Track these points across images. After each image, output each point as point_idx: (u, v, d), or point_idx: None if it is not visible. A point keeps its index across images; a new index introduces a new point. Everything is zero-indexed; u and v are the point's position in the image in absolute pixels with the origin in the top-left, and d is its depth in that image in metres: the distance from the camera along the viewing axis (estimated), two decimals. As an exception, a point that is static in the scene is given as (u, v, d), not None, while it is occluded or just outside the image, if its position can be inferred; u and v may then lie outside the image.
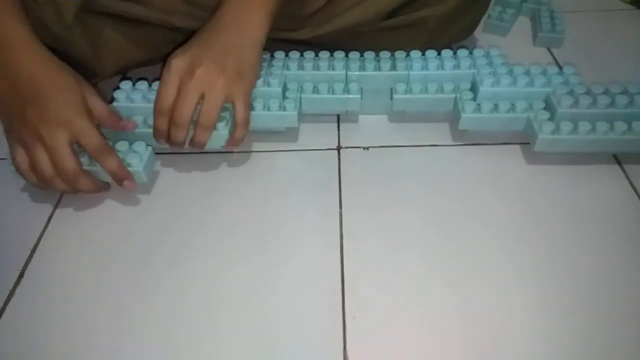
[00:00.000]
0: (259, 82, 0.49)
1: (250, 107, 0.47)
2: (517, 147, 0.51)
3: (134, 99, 0.49)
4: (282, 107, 0.50)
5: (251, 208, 0.47)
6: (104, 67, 0.51)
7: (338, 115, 0.56)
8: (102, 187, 0.46)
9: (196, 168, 0.50)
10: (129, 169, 0.45)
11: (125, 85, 0.50)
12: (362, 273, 0.41)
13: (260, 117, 0.50)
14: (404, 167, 0.50)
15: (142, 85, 0.50)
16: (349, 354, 0.36)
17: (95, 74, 0.52)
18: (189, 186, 0.49)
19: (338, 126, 0.55)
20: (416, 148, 0.52)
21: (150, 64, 0.55)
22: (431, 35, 0.55)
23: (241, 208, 0.47)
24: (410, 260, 0.42)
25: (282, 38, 0.53)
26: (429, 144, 0.52)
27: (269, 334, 0.38)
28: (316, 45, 0.54)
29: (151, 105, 0.47)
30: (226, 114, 0.48)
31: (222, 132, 0.47)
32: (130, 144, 0.46)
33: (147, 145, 0.47)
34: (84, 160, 0.44)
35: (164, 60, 0.46)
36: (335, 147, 0.52)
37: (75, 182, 0.43)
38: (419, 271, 0.41)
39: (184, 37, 0.49)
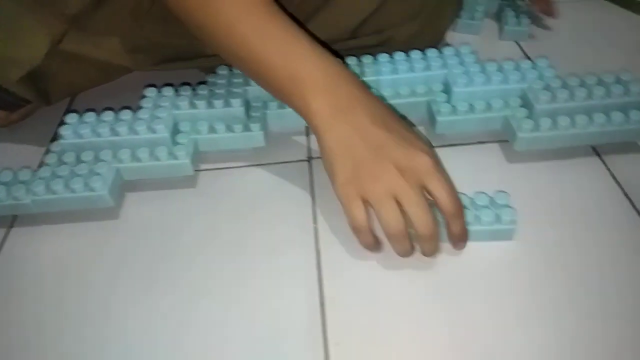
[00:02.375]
0: (220, 103, 0.46)
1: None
2: (496, 145, 0.49)
3: (83, 134, 0.45)
4: (247, 128, 0.47)
5: (220, 227, 0.44)
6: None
7: (306, 126, 0.53)
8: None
9: (164, 189, 0.47)
10: (92, 193, 0.42)
11: (71, 119, 0.46)
12: (343, 292, 0.38)
13: (224, 139, 0.47)
14: None
15: (90, 117, 0.46)
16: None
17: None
18: (157, 210, 0.46)
19: (307, 137, 0.52)
20: None
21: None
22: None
23: (210, 228, 0.44)
24: (394, 272, 0.39)
25: None
26: None
27: None
28: None
29: (102, 139, 0.44)
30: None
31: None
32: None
33: (111, 165, 0.44)
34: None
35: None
36: (306, 157, 0.50)
37: (431, 241, 0.38)
38: (402, 282, 0.39)
39: None
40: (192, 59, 0.51)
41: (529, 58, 0.59)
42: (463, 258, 0.40)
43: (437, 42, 0.55)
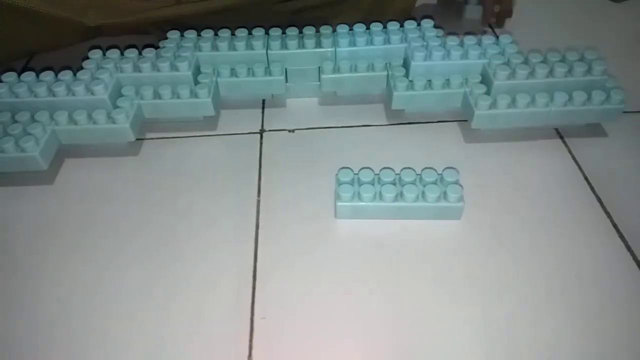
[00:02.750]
0: (165, 66, 0.44)
1: None
2: (455, 124, 0.47)
3: (19, 93, 0.43)
4: (195, 94, 0.45)
5: (159, 196, 0.42)
6: None
7: (263, 100, 0.51)
8: None
9: (105, 156, 0.45)
10: (23, 154, 0.40)
11: (8, 77, 0.44)
12: (275, 267, 0.36)
13: (169, 106, 0.45)
14: (332, 148, 0.45)
15: (29, 76, 0.44)
16: (254, 356, 0.32)
17: None
18: (95, 177, 0.43)
19: (263, 110, 0.50)
20: (346, 129, 0.47)
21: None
22: (367, 15, 0.51)
23: (151, 199, 0.41)
24: (331, 253, 0.37)
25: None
26: (361, 124, 0.48)
27: (170, 335, 0.33)
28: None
29: (39, 99, 0.41)
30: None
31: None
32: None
33: (46, 126, 0.42)
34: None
35: None
36: (258, 130, 0.47)
37: None
38: (339, 259, 0.37)
39: None
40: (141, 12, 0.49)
41: (495, 34, 0.57)
42: (406, 236, 0.38)
43: (407, 10, 0.53)
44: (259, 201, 0.41)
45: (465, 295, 0.35)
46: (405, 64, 0.47)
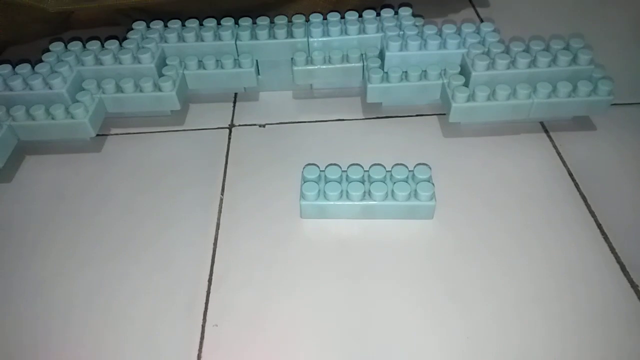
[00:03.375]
0: (127, 58, 0.42)
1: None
2: (435, 118, 0.45)
3: (14, 87, 0.41)
4: (158, 87, 0.43)
5: (119, 194, 0.40)
6: None
7: (235, 93, 0.49)
8: None
9: (66, 153, 0.43)
10: None
11: (3, 69, 0.42)
12: (233, 271, 0.34)
13: (132, 100, 0.43)
14: (304, 143, 0.43)
15: (24, 68, 0.42)
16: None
17: None
18: (55, 175, 0.42)
19: (234, 104, 0.48)
20: (320, 123, 0.45)
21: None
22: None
23: (107, 195, 0.40)
24: (295, 255, 0.35)
25: None
26: (335, 118, 0.45)
27: (114, 341, 0.31)
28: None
29: (35, 92, 0.40)
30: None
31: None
32: None
33: (3, 122, 0.40)
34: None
35: None
36: (227, 125, 0.45)
37: None
38: (302, 263, 0.35)
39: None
40: None
41: (481, 20, 0.55)
42: (375, 237, 0.36)
43: None
44: (222, 200, 0.39)
45: (437, 298, 0.32)
46: (382, 55, 0.44)
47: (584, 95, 0.40)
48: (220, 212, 0.38)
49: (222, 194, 0.39)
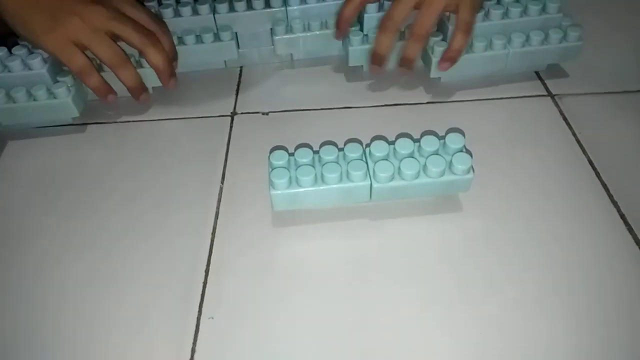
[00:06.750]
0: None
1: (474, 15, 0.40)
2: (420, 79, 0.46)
3: (12, 68, 0.40)
4: (140, 65, 0.43)
5: (115, 181, 0.39)
6: None
7: (239, 79, 0.48)
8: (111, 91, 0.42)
9: (51, 135, 0.43)
10: None
11: None
12: (231, 263, 0.34)
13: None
14: (309, 132, 0.41)
15: (21, 50, 0.41)
16: (196, 358, 0.29)
17: None
18: (41, 160, 0.41)
19: (237, 90, 0.47)
20: (325, 111, 0.44)
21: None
22: None
23: (101, 181, 0.39)
24: (296, 245, 0.35)
25: None
26: (341, 106, 0.44)
27: (108, 332, 0.31)
28: None
29: (32, 72, 0.39)
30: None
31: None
32: None
33: None
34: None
35: None
36: (230, 113, 0.45)
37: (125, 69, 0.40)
38: (301, 256, 0.34)
39: None
40: None
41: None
42: (382, 230, 0.35)
43: None
44: (221, 188, 0.38)
45: (438, 292, 0.32)
46: (360, 18, 0.45)
47: (556, 42, 0.42)
48: (219, 201, 0.37)
49: (222, 183, 0.39)
